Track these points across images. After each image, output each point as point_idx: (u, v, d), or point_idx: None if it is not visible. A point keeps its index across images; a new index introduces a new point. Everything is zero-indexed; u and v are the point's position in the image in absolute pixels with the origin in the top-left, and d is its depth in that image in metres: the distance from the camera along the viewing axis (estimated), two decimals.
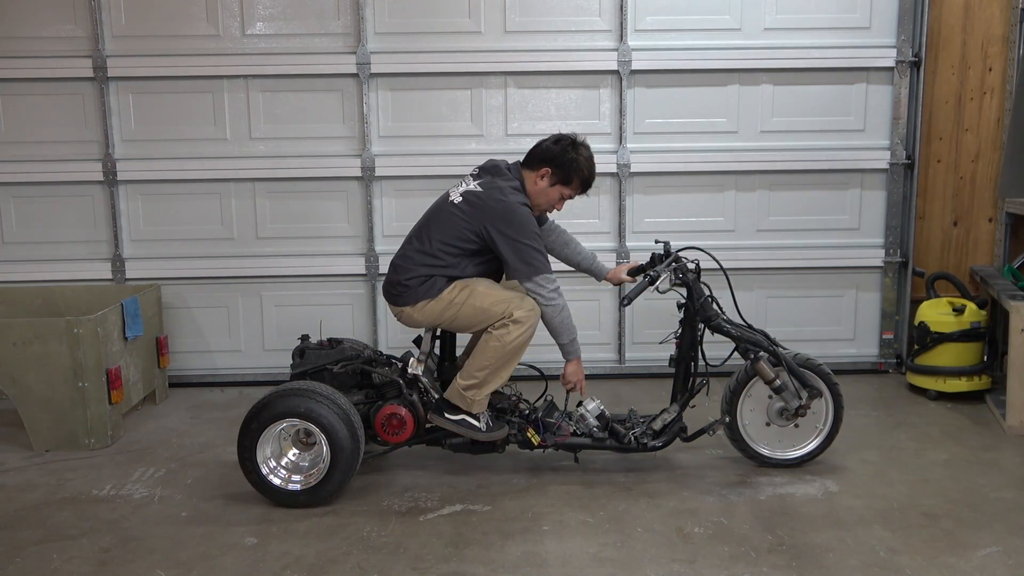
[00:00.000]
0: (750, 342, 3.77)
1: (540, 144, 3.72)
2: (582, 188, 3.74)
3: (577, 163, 3.66)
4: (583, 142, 3.72)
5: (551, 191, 3.70)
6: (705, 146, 5.21)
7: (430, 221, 3.71)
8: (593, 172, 3.73)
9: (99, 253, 5.23)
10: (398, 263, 3.73)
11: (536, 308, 3.62)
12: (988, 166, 5.36)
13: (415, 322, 3.73)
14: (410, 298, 3.67)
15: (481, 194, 3.63)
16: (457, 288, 3.64)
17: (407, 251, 3.72)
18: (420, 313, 3.68)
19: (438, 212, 3.71)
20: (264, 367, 5.31)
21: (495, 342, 3.57)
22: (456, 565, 3.12)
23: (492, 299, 3.61)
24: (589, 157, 3.70)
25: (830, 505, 3.55)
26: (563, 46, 5.09)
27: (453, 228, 3.62)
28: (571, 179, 3.68)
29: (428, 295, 3.64)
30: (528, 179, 3.70)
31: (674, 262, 3.74)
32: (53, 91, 5.08)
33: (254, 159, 5.15)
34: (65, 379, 4.17)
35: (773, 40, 5.11)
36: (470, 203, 3.63)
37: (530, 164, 3.71)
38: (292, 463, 3.64)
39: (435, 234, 3.65)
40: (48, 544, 3.31)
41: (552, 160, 3.65)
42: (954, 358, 4.78)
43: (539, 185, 3.69)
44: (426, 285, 3.64)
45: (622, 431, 3.80)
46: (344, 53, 5.07)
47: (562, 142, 3.68)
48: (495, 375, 3.61)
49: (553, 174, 3.66)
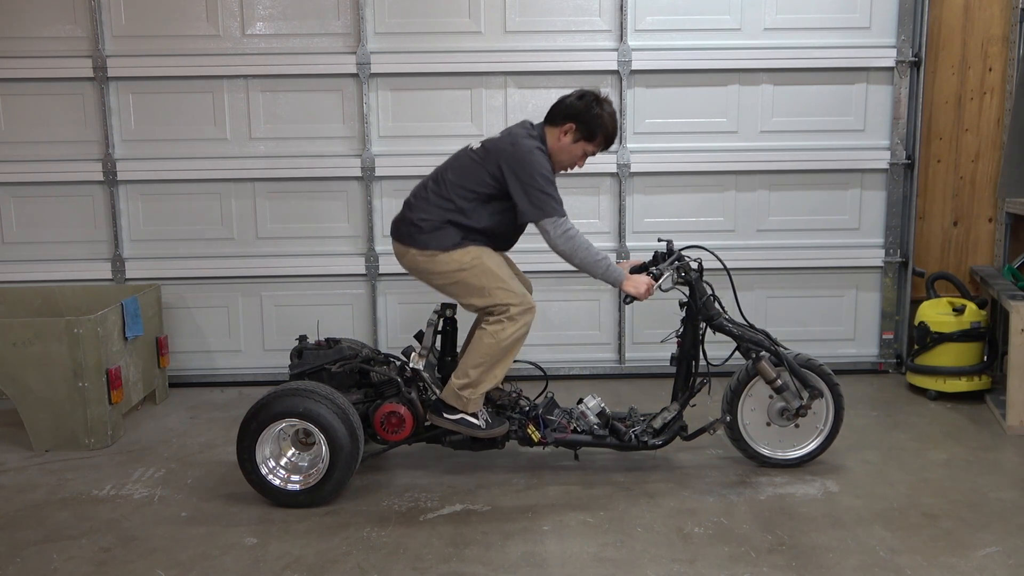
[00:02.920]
0: (752, 342, 3.77)
1: (563, 100, 3.65)
2: (605, 144, 3.69)
3: (601, 119, 3.61)
4: (607, 98, 3.67)
5: (574, 147, 3.65)
6: (705, 146, 5.20)
7: (448, 166, 3.69)
8: (616, 128, 3.69)
9: (99, 253, 5.23)
10: (412, 201, 3.69)
11: (533, 307, 3.60)
12: (988, 166, 5.36)
13: (417, 267, 3.68)
14: (419, 242, 3.62)
15: (496, 139, 3.65)
16: (470, 254, 3.59)
17: (422, 192, 3.68)
18: (427, 262, 3.62)
19: (456, 159, 3.70)
20: (264, 367, 5.31)
21: (489, 339, 3.56)
22: (456, 565, 3.12)
23: (497, 282, 3.57)
24: (613, 113, 3.66)
25: (830, 505, 3.55)
26: (563, 46, 5.09)
27: (470, 172, 3.60)
28: (595, 135, 3.63)
29: (439, 246, 3.59)
30: (551, 135, 3.65)
31: (677, 261, 3.74)
32: (53, 91, 5.08)
33: (254, 159, 5.15)
34: (65, 379, 4.17)
35: (773, 40, 5.11)
36: (486, 148, 3.62)
37: (553, 120, 3.66)
38: (291, 463, 3.64)
39: (452, 178, 3.62)
40: (48, 544, 3.31)
41: (576, 116, 3.60)
42: (954, 358, 4.78)
43: (562, 141, 3.64)
44: (439, 234, 3.59)
45: (622, 429, 3.80)
46: (344, 53, 5.07)
47: (586, 97, 3.62)
48: (489, 373, 3.59)
49: (577, 130, 3.61)
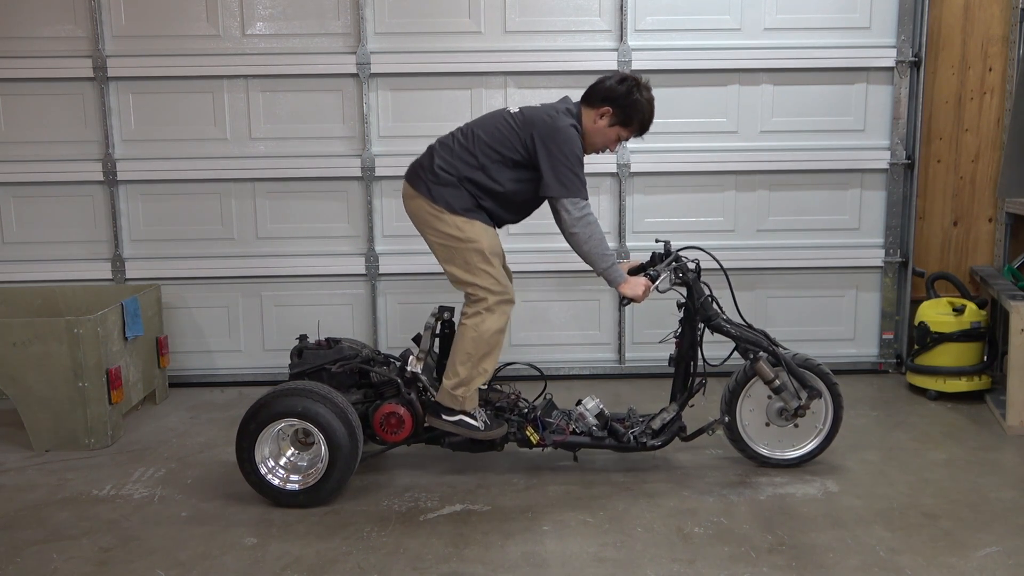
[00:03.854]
0: (750, 342, 3.77)
1: (603, 82, 3.61)
2: (640, 131, 3.66)
3: (640, 105, 3.58)
4: (647, 84, 3.64)
5: (609, 131, 3.62)
6: (705, 146, 5.20)
7: (480, 124, 3.64)
8: (653, 115, 3.65)
9: (99, 253, 5.23)
10: (436, 148, 3.64)
11: (512, 299, 3.60)
12: (988, 166, 5.36)
13: (418, 215, 3.63)
14: (433, 193, 3.56)
15: (535, 108, 3.61)
16: (473, 228, 3.55)
17: (448, 140, 3.64)
18: (428, 213, 3.57)
19: (492, 118, 3.64)
20: (264, 367, 5.30)
21: (472, 332, 3.55)
22: (456, 565, 3.12)
23: (485, 264, 3.54)
24: (651, 100, 3.62)
25: (830, 505, 3.55)
26: (563, 46, 5.09)
27: (501, 134, 3.56)
28: (632, 121, 3.61)
29: (448, 206, 3.54)
30: (587, 116, 3.61)
31: (674, 261, 3.74)
32: (53, 91, 5.08)
33: (254, 159, 5.15)
34: (65, 379, 4.17)
35: (773, 40, 5.11)
36: (524, 114, 3.58)
37: (590, 101, 3.62)
38: (290, 463, 3.64)
39: (483, 135, 3.58)
40: (48, 544, 3.31)
41: (615, 100, 3.57)
42: (954, 358, 4.78)
43: (598, 124, 3.61)
44: (452, 191, 3.55)
45: (621, 430, 3.80)
46: (344, 53, 5.07)
47: (627, 82, 3.58)
48: (477, 368, 3.58)
49: (614, 114, 3.59)
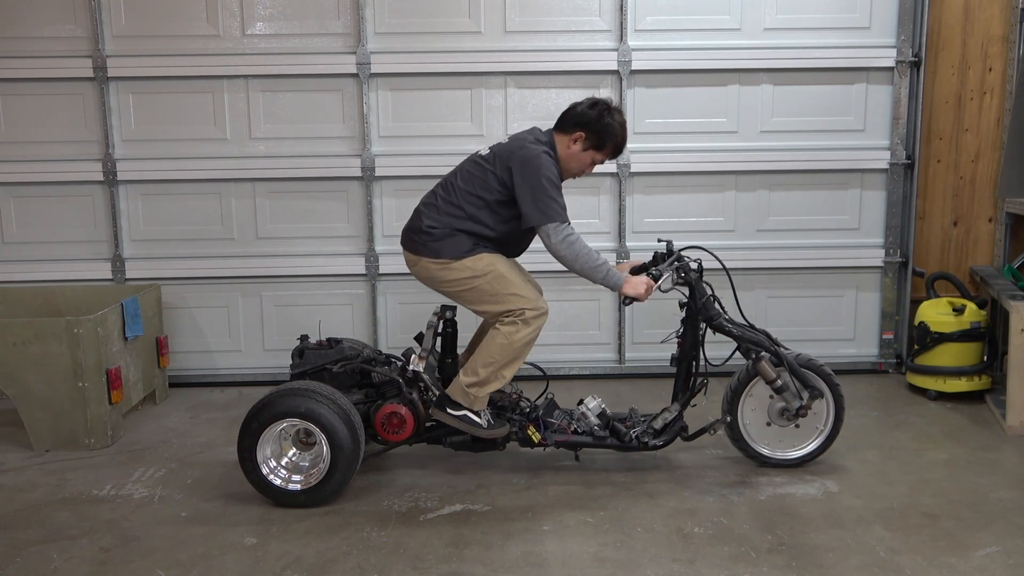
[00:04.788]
0: (752, 342, 3.77)
1: (575, 107, 3.67)
2: (614, 154, 3.72)
3: (612, 128, 3.63)
4: (617, 107, 3.70)
5: (584, 155, 3.67)
6: (705, 146, 5.20)
7: (456, 173, 3.70)
8: (626, 138, 3.72)
9: (99, 253, 5.23)
10: (422, 209, 3.70)
11: (545, 311, 3.61)
12: (988, 166, 5.36)
13: (428, 276, 3.69)
14: (431, 250, 3.62)
15: (505, 143, 3.67)
16: (483, 260, 3.59)
17: (431, 199, 3.70)
18: (437, 269, 3.63)
19: (467, 165, 3.70)
20: (264, 367, 5.30)
21: (502, 339, 3.56)
22: (456, 565, 3.12)
23: (510, 287, 3.58)
24: (623, 123, 3.68)
25: (830, 505, 3.55)
26: (563, 46, 5.09)
27: (478, 178, 3.61)
28: (605, 144, 3.65)
29: (452, 255, 3.59)
30: (560, 143, 3.67)
31: (676, 261, 3.74)
32: (53, 91, 5.08)
33: (254, 159, 5.15)
34: (65, 379, 4.17)
35: (773, 40, 5.11)
36: (494, 152, 3.64)
37: (563, 128, 3.68)
38: (292, 463, 3.64)
39: (461, 184, 3.63)
40: (48, 544, 3.31)
41: (587, 124, 3.62)
42: (954, 358, 4.78)
43: (572, 149, 3.66)
44: (451, 241, 3.60)
45: (623, 430, 3.80)
46: (344, 53, 5.07)
47: (598, 106, 3.64)
48: (498, 373, 3.60)
49: (587, 139, 3.63)
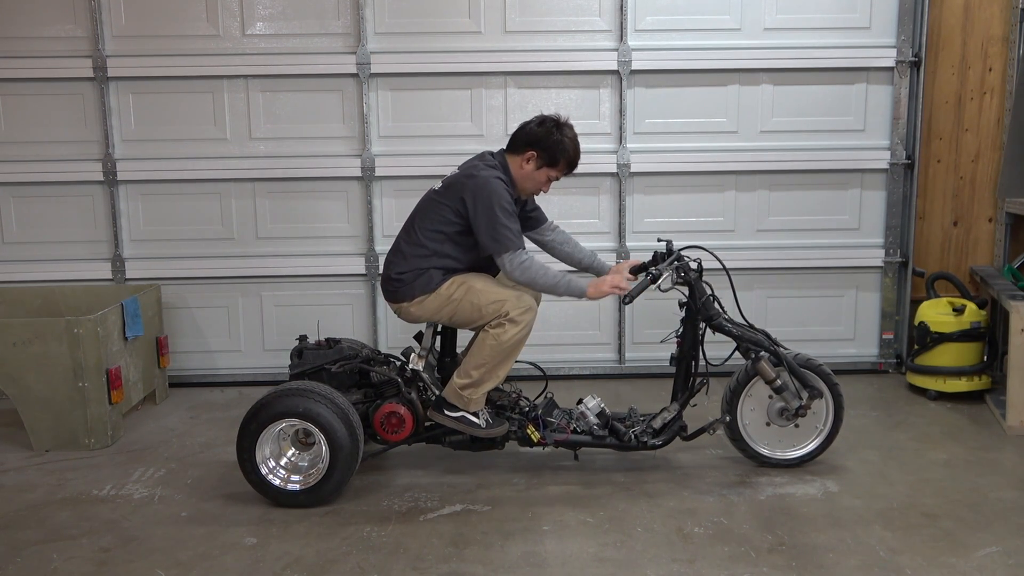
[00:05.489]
0: (751, 342, 3.77)
1: (524, 127, 3.70)
2: (568, 169, 3.72)
3: (563, 144, 3.64)
4: (567, 122, 3.69)
5: (538, 174, 3.69)
6: (705, 146, 5.20)
7: (415, 214, 3.74)
8: (579, 152, 3.71)
9: (99, 253, 5.23)
10: (390, 259, 3.75)
11: (533, 307, 3.61)
12: (988, 166, 5.36)
13: (414, 317, 3.74)
14: (406, 293, 3.68)
15: (456, 174, 3.69)
16: (455, 284, 3.64)
17: (397, 246, 3.75)
18: (418, 308, 3.69)
19: (423, 204, 3.74)
20: (264, 367, 5.30)
21: (492, 340, 3.57)
22: (456, 565, 3.12)
23: (488, 297, 3.60)
24: (574, 137, 3.69)
25: (830, 505, 3.55)
26: (563, 46, 5.09)
27: (434, 212, 3.65)
28: (558, 161, 3.66)
29: (425, 290, 3.65)
30: (513, 163, 3.69)
31: (676, 261, 3.74)
32: (53, 91, 5.08)
33: (254, 159, 5.15)
34: (65, 379, 4.17)
35: (773, 40, 5.11)
36: (446, 185, 3.67)
37: (514, 148, 3.70)
38: (291, 463, 3.64)
39: (419, 223, 3.68)
40: (48, 544, 3.31)
41: (537, 143, 3.64)
42: (954, 358, 4.78)
43: (525, 169, 3.68)
44: (422, 280, 3.64)
45: (622, 429, 3.80)
46: (344, 53, 5.07)
47: (546, 124, 3.65)
48: (491, 374, 3.61)
49: (539, 157, 3.65)
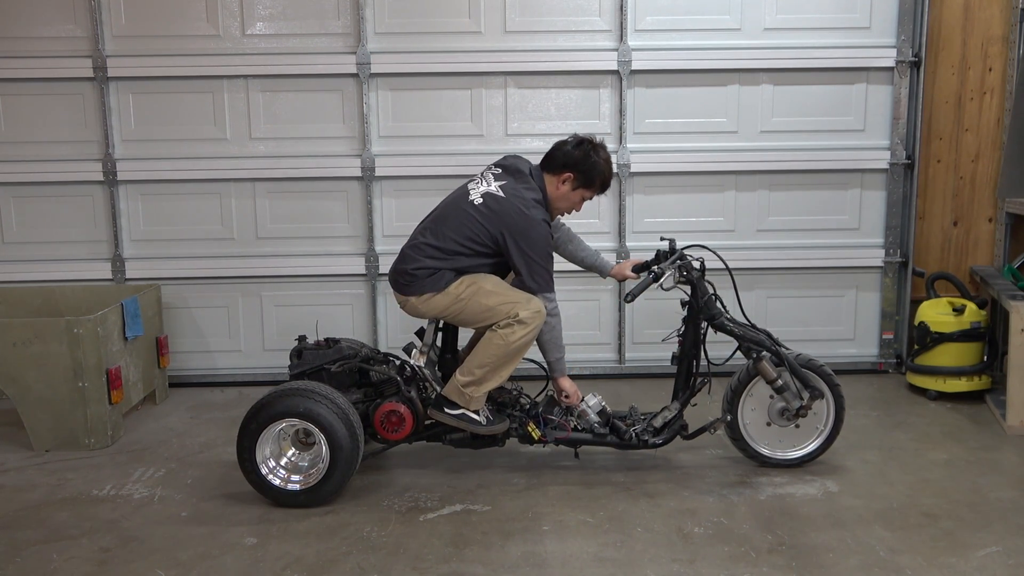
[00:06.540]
0: (753, 341, 3.77)
1: (561, 148, 3.73)
2: (601, 189, 3.79)
3: (599, 167, 3.70)
4: (601, 143, 3.76)
5: (573, 195, 3.74)
6: (705, 146, 5.20)
7: (447, 216, 3.69)
8: (612, 173, 3.80)
9: (99, 253, 5.23)
10: (408, 252, 3.72)
11: (542, 311, 3.61)
12: (988, 166, 5.36)
13: (419, 313, 3.74)
14: (416, 289, 3.67)
15: (503, 200, 3.62)
16: (464, 283, 3.64)
17: (418, 241, 3.71)
18: (425, 305, 3.68)
19: (456, 208, 3.68)
20: (264, 367, 5.30)
21: (499, 340, 3.57)
22: (456, 565, 3.12)
23: (498, 298, 3.60)
24: (608, 159, 3.75)
25: (830, 505, 3.55)
26: (563, 46, 5.09)
27: (469, 228, 3.62)
28: (593, 182, 3.73)
29: (434, 288, 3.64)
30: (549, 183, 3.72)
31: (679, 260, 3.74)
32: (53, 91, 5.08)
33: (254, 159, 5.15)
34: (65, 379, 4.17)
35: (773, 40, 5.11)
36: (490, 207, 3.61)
37: (551, 168, 3.73)
38: (291, 463, 3.64)
39: (449, 231, 3.64)
40: (48, 544, 3.31)
41: (575, 165, 3.68)
42: (954, 358, 4.78)
43: (561, 190, 3.72)
44: (433, 278, 3.64)
45: (623, 427, 3.80)
46: (344, 53, 5.07)
47: (583, 146, 3.70)
48: (495, 373, 3.61)
49: (575, 179, 3.70)
